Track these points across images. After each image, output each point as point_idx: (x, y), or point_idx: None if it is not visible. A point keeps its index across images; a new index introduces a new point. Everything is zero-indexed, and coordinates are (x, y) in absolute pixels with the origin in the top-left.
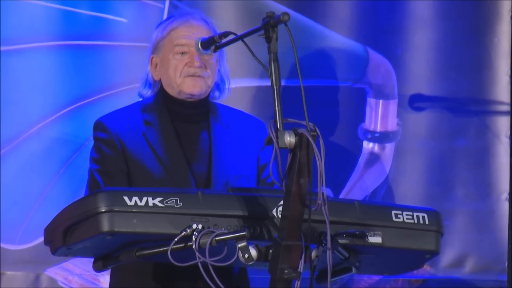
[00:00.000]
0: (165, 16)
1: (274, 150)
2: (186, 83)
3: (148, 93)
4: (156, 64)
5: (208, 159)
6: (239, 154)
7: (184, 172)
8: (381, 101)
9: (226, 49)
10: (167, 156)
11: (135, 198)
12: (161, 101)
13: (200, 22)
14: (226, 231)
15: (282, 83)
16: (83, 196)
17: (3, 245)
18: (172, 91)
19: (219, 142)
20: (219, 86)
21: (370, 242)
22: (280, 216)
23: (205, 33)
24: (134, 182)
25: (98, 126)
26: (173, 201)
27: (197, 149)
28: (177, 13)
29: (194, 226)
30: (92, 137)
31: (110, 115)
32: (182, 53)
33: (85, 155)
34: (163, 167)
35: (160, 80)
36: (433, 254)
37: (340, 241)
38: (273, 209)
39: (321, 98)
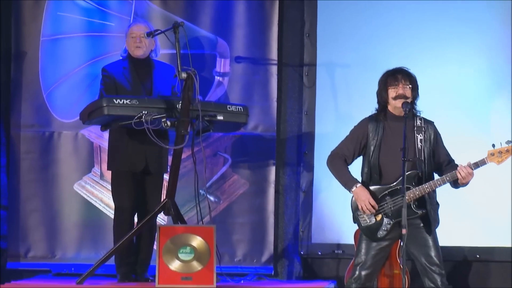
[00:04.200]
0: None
1: (178, 80)
2: (134, 51)
3: (126, 55)
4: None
5: (151, 83)
6: (164, 81)
7: (139, 89)
8: (222, 59)
9: (158, 37)
10: (132, 82)
11: (118, 100)
12: (128, 58)
13: (142, 25)
14: (157, 114)
15: (181, 52)
16: (96, 99)
17: (61, 120)
18: (131, 54)
19: (156, 75)
20: (155, 51)
21: (218, 119)
22: (180, 107)
23: (143, 29)
24: (118, 94)
25: (103, 69)
26: (134, 101)
27: (145, 78)
28: (133, 22)
29: (144, 112)
30: (100, 74)
31: (109, 64)
32: (133, 37)
33: (96, 82)
34: (131, 87)
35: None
36: (245, 124)
37: (206, 118)
38: (177, 104)
39: (197, 58)
